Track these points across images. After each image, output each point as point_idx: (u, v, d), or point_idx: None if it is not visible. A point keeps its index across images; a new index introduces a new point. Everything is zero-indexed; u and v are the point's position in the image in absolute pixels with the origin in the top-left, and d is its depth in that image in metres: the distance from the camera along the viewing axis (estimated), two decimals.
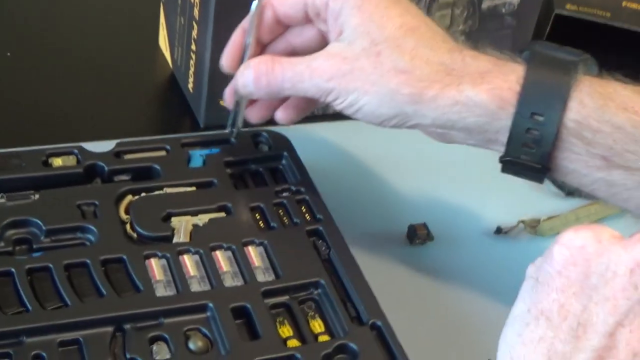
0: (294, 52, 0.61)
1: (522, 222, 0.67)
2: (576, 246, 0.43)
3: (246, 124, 0.65)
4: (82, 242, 0.57)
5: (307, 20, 0.60)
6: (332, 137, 0.70)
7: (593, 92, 0.54)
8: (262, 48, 0.62)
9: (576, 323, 0.42)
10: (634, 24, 0.89)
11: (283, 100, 0.63)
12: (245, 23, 0.61)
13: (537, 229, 0.67)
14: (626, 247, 0.42)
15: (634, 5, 0.91)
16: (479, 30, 0.76)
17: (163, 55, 0.80)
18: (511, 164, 0.56)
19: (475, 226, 0.67)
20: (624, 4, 0.91)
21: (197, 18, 0.71)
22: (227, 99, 0.63)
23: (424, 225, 0.65)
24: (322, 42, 0.60)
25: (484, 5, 0.75)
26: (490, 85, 0.55)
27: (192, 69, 0.73)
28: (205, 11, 0.69)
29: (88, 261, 0.56)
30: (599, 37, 0.91)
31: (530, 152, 0.55)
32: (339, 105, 0.58)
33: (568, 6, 0.88)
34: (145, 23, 0.83)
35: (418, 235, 0.65)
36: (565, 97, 0.53)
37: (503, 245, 0.67)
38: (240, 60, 0.61)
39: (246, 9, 0.65)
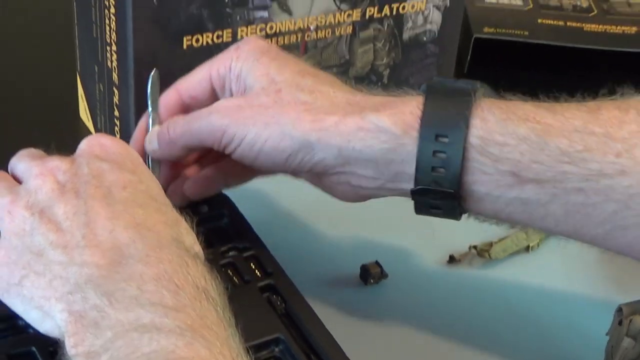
0: None
1: (474, 247, 0.66)
2: None
3: None
4: (24, 329, 0.54)
5: (212, 97, 0.60)
6: (271, 187, 0.69)
7: (494, 108, 0.54)
8: None
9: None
10: (552, 39, 0.90)
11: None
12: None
13: (490, 253, 0.66)
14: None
15: (549, 21, 0.92)
16: (403, 62, 0.76)
17: (85, 126, 0.78)
18: (423, 194, 0.55)
19: (428, 258, 0.66)
20: (539, 21, 0.92)
21: (116, 83, 0.69)
22: None
23: (377, 264, 0.64)
24: None
25: (405, 36, 0.75)
26: (393, 111, 0.55)
27: (117, 136, 0.71)
28: (124, 75, 0.67)
29: (34, 349, 0.53)
30: (520, 55, 0.92)
31: (440, 177, 0.54)
32: (238, 148, 0.56)
33: (486, 29, 0.89)
34: (62, 96, 0.80)
35: (372, 274, 0.64)
36: (467, 115, 0.53)
37: (457, 273, 0.66)
38: None
39: (166, 67, 0.64)
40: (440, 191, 0.54)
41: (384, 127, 0.54)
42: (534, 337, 0.61)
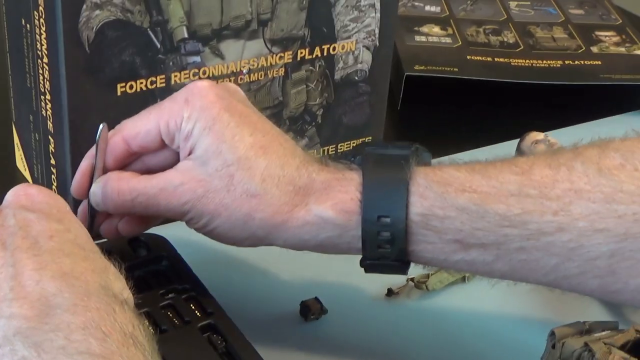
0: (148, 171, 0.61)
1: (411, 279, 0.68)
2: None
3: None
4: None
5: (162, 146, 0.61)
6: None
7: (430, 182, 0.56)
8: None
9: None
10: (481, 75, 0.92)
11: None
12: (92, 151, 0.61)
13: (427, 284, 0.67)
14: None
15: (478, 58, 0.95)
16: (336, 101, 0.77)
17: (22, 175, 0.78)
18: (372, 266, 0.58)
19: (367, 292, 0.67)
20: (468, 57, 0.95)
21: (52, 131, 0.69)
22: (79, 216, 0.62)
23: (316, 300, 0.65)
24: (176, 160, 0.60)
25: (337, 76, 0.76)
26: (335, 200, 0.57)
27: (54, 184, 0.71)
28: (59, 123, 0.68)
29: None
30: (451, 91, 0.94)
31: (387, 252, 0.57)
32: (194, 226, 0.59)
33: (416, 67, 0.91)
34: None
35: (311, 310, 0.64)
36: (404, 194, 0.56)
37: (396, 306, 0.67)
38: (89, 185, 0.61)
39: (100, 114, 0.64)
40: (387, 264, 0.57)
41: (329, 219, 0.57)
42: None
